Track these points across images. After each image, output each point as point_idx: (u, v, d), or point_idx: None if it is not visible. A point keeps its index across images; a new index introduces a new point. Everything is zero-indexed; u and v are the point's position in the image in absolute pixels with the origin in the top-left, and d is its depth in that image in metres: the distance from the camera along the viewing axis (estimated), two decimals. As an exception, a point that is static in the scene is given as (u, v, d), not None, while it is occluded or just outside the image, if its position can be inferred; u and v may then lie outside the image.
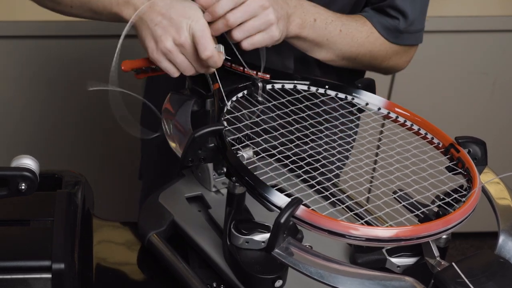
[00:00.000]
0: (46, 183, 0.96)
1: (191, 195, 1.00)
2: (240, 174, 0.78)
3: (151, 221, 0.94)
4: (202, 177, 1.01)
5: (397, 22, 1.13)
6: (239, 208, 0.85)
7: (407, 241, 0.74)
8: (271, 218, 0.84)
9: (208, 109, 0.98)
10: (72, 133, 1.99)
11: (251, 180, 0.77)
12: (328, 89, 1.00)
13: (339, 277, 0.72)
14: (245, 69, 0.99)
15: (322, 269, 0.72)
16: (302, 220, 0.73)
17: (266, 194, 0.76)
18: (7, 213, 0.87)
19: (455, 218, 0.76)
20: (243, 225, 0.84)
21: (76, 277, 0.83)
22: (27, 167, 0.76)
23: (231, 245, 0.84)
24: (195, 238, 0.92)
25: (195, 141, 0.81)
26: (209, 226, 0.94)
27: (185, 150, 0.82)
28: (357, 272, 0.73)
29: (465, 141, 0.89)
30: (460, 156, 0.88)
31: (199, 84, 0.98)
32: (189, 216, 0.95)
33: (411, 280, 0.73)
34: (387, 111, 0.98)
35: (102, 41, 1.85)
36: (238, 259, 0.83)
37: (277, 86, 0.99)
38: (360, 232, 0.72)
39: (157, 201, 0.97)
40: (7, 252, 0.81)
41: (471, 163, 0.86)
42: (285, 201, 0.74)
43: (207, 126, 0.82)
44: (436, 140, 0.92)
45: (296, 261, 0.73)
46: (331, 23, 1.07)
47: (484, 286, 0.70)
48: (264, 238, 0.83)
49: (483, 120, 2.16)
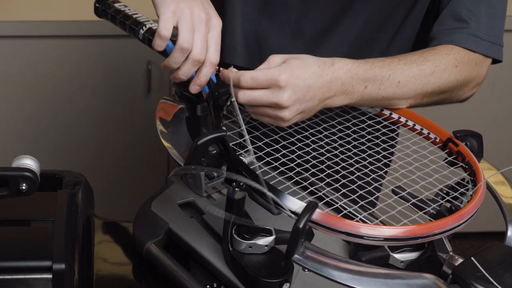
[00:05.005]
0: (47, 183, 0.96)
1: (183, 201, 0.98)
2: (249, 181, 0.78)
3: (147, 231, 0.93)
4: (193, 183, 0.99)
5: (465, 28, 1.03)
6: (239, 213, 0.84)
7: (424, 239, 0.74)
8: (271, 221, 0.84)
9: (199, 114, 0.98)
10: (72, 133, 1.99)
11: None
12: None
13: (362, 279, 0.71)
14: None
15: (345, 272, 0.72)
16: (319, 223, 0.73)
17: (280, 200, 0.75)
18: (7, 213, 0.87)
19: (468, 212, 0.77)
20: (245, 229, 0.83)
21: (77, 277, 0.83)
22: (28, 167, 0.76)
23: (234, 250, 0.84)
24: (194, 245, 0.91)
25: (197, 149, 0.81)
26: (205, 232, 0.93)
27: (188, 158, 0.81)
28: (379, 272, 0.73)
29: (463, 135, 0.89)
30: (459, 149, 0.88)
31: (188, 90, 0.97)
32: (184, 223, 0.94)
33: (432, 277, 0.73)
34: (380, 108, 0.97)
35: (102, 41, 1.85)
36: (243, 264, 0.82)
37: None
38: (378, 232, 0.72)
39: (150, 209, 0.96)
40: (7, 253, 0.81)
41: (471, 157, 0.86)
42: (300, 205, 0.74)
43: (209, 133, 0.81)
44: (432, 135, 0.92)
45: (318, 265, 0.73)
46: (387, 79, 0.95)
47: (502, 278, 0.70)
48: (267, 241, 0.82)
49: (483, 120, 2.16)
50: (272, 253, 0.83)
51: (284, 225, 0.83)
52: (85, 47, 1.88)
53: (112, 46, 1.86)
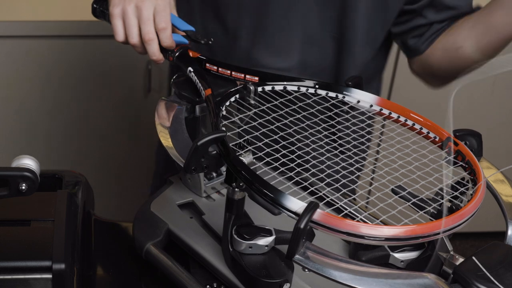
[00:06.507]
0: (47, 183, 0.96)
1: (182, 202, 0.98)
2: (250, 181, 0.77)
3: (146, 231, 0.93)
4: (192, 183, 0.99)
5: None
6: (239, 214, 0.84)
7: (425, 238, 0.73)
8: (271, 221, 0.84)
9: (197, 115, 0.98)
10: (72, 133, 1.99)
11: (262, 187, 0.76)
12: (318, 89, 0.98)
13: (364, 279, 0.71)
14: (232, 72, 0.99)
15: (346, 272, 0.72)
16: (319, 223, 0.73)
17: (281, 200, 0.75)
18: (7, 213, 0.87)
19: (469, 211, 0.76)
20: (245, 230, 0.83)
21: (77, 277, 0.83)
22: (28, 167, 0.76)
23: (234, 251, 0.84)
24: (194, 245, 0.91)
25: (198, 150, 0.80)
26: (205, 232, 0.93)
27: (188, 159, 0.80)
28: (380, 272, 0.72)
29: (463, 134, 0.89)
30: (459, 149, 0.87)
31: (187, 90, 0.98)
32: (184, 224, 0.94)
33: (433, 276, 0.72)
34: (379, 108, 0.97)
35: (102, 41, 1.85)
36: (243, 264, 0.82)
37: (267, 88, 0.98)
38: (379, 232, 0.72)
39: (150, 210, 0.96)
40: (7, 253, 0.81)
41: (471, 156, 0.86)
42: (300, 205, 0.73)
43: (209, 134, 0.81)
44: (432, 134, 0.92)
45: (319, 266, 0.72)
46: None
47: (504, 277, 0.70)
48: (267, 242, 0.82)
49: (483, 120, 2.16)
50: (272, 253, 0.83)
51: (283, 225, 0.83)
52: (85, 47, 1.88)
53: (112, 46, 1.86)
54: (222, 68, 1.00)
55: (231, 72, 0.99)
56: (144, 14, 0.99)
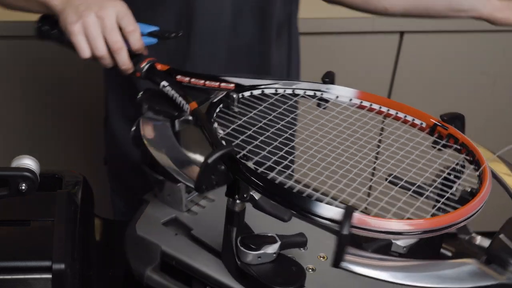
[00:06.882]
0: (47, 183, 0.96)
1: (166, 219, 0.96)
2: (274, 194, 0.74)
3: (142, 257, 0.90)
4: (172, 199, 0.96)
5: None
6: (241, 225, 0.83)
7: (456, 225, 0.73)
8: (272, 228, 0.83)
9: (177, 129, 0.93)
10: (72, 133, 1.99)
11: (288, 198, 0.73)
12: (295, 89, 0.96)
13: (415, 275, 0.70)
14: (206, 82, 0.95)
15: (395, 271, 0.71)
16: (357, 227, 0.71)
17: (312, 209, 0.72)
18: (7, 213, 0.87)
19: (487, 192, 0.77)
20: (250, 240, 0.81)
21: (77, 277, 0.83)
22: (28, 167, 0.76)
23: (242, 263, 0.82)
24: (193, 263, 0.88)
25: (208, 167, 0.77)
26: (199, 247, 0.90)
27: (199, 178, 0.77)
28: (425, 264, 0.72)
29: (450, 117, 0.89)
30: (450, 132, 0.87)
31: (162, 105, 0.94)
32: (175, 242, 0.91)
33: (474, 261, 0.72)
34: (359, 101, 0.95)
35: (102, 41, 1.85)
36: (256, 276, 0.80)
37: (246, 94, 0.95)
38: (415, 227, 0.71)
39: (137, 234, 0.93)
40: (7, 252, 0.81)
41: (465, 138, 0.85)
42: (335, 211, 0.71)
43: (217, 150, 0.77)
44: (418, 121, 0.90)
45: (367, 269, 0.71)
46: None
47: None
48: (275, 249, 0.81)
49: (484, 120, 2.16)
50: (279, 260, 0.82)
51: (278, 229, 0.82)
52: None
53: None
54: (194, 79, 0.96)
55: (205, 81, 0.96)
56: (108, 24, 0.95)
